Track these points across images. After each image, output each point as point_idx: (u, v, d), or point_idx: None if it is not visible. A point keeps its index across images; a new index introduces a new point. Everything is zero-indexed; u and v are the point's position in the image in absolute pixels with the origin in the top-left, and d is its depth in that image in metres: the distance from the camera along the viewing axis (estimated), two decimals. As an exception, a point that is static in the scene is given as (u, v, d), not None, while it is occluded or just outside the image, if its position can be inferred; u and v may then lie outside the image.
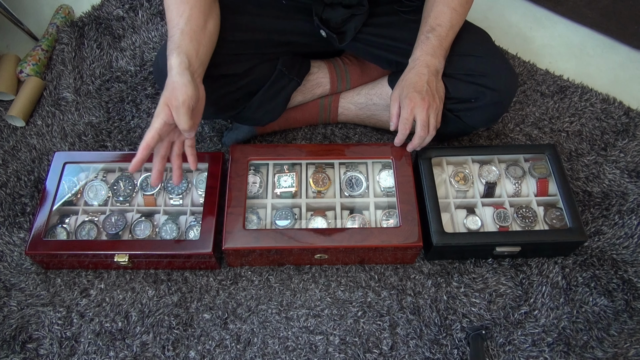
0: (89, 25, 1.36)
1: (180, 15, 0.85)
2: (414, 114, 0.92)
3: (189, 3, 0.86)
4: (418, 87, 0.91)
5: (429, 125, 0.93)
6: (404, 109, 0.92)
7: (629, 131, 1.20)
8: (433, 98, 0.92)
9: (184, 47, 0.84)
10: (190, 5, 0.86)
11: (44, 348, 0.90)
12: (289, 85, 1.06)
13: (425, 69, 0.92)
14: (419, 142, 0.96)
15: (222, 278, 0.98)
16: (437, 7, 0.94)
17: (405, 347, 0.92)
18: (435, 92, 0.93)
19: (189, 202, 1.01)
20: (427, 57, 0.93)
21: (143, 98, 1.23)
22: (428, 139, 0.95)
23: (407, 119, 0.92)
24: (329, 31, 0.99)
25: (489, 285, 0.98)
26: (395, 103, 0.95)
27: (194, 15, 0.86)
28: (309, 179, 1.02)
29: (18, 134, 1.17)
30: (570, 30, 1.44)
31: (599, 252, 1.02)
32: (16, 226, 1.04)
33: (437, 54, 0.93)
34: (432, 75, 0.92)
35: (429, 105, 0.91)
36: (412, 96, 0.91)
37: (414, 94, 0.91)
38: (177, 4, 0.86)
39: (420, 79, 0.91)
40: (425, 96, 0.91)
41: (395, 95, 0.95)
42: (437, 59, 0.93)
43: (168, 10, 0.87)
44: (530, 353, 0.91)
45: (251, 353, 0.91)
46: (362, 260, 0.99)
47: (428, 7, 0.97)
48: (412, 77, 0.92)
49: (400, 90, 0.94)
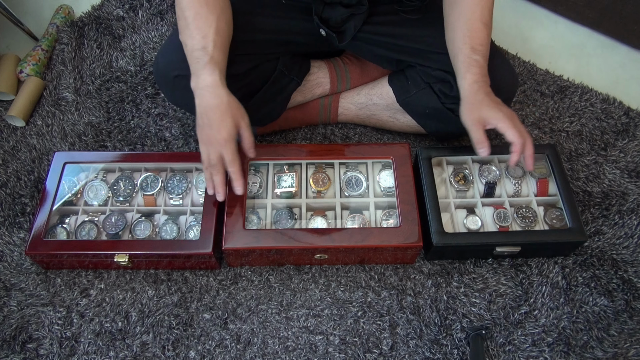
0: (89, 25, 1.36)
1: (209, 26, 0.85)
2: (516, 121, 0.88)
3: (215, 13, 0.86)
4: (497, 101, 0.89)
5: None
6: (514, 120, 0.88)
7: (629, 131, 1.20)
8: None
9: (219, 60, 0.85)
10: (217, 16, 0.86)
11: (44, 348, 0.90)
12: (289, 85, 1.06)
13: (489, 88, 0.90)
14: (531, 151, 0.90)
15: (222, 278, 0.98)
16: (473, 25, 0.90)
17: (405, 347, 0.92)
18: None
19: (189, 202, 1.01)
20: (483, 78, 0.91)
21: (143, 98, 1.23)
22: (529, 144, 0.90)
23: (522, 130, 0.88)
24: (328, 30, 0.99)
25: (489, 285, 0.98)
26: (479, 128, 0.89)
27: (222, 27, 0.87)
28: (309, 179, 1.02)
29: (18, 134, 1.17)
30: (570, 30, 1.44)
31: (599, 252, 1.02)
32: (16, 226, 1.04)
33: (486, 75, 0.91)
34: (493, 95, 0.90)
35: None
36: (501, 108, 0.88)
37: (501, 106, 0.88)
38: (205, 15, 0.85)
39: (492, 98, 0.89)
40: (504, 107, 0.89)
41: (474, 118, 0.89)
42: (486, 77, 0.91)
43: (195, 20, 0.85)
44: (530, 353, 0.91)
45: (251, 353, 0.91)
46: (362, 260, 0.99)
47: (462, 20, 0.91)
48: (484, 97, 0.89)
49: (477, 112, 0.89)
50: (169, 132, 1.17)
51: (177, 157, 1.04)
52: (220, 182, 0.90)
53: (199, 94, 0.86)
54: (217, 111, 0.85)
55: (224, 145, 0.86)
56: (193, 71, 0.86)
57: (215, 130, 0.85)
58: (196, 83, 0.86)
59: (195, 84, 0.86)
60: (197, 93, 0.86)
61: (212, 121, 0.85)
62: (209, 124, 0.85)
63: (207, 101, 0.85)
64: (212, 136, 0.86)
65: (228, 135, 0.85)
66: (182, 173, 1.03)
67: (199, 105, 0.86)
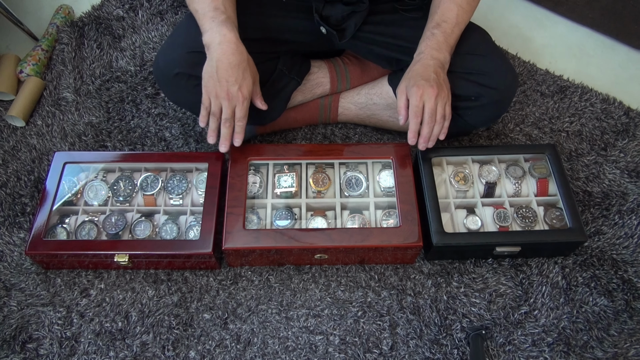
0: (89, 25, 1.36)
1: None
2: (422, 101, 0.89)
3: None
4: (425, 76, 0.89)
5: (436, 114, 0.90)
6: (413, 97, 0.89)
7: (629, 131, 1.20)
8: (441, 87, 0.90)
9: (234, 20, 0.87)
10: None
11: (44, 348, 0.90)
12: (289, 85, 1.06)
13: (432, 61, 0.91)
14: (428, 132, 0.92)
15: (222, 278, 0.98)
16: (444, 4, 0.94)
17: (405, 347, 0.92)
18: (443, 82, 0.91)
19: (189, 202, 1.01)
20: (432, 51, 0.92)
21: (143, 98, 1.23)
22: (437, 128, 0.92)
23: (417, 106, 0.89)
24: (329, 28, 0.99)
25: (489, 285, 0.98)
26: (402, 96, 0.92)
27: None
28: (309, 179, 1.02)
29: (18, 134, 1.17)
30: (570, 30, 1.44)
31: (599, 252, 1.02)
32: (16, 226, 1.04)
33: (442, 49, 0.92)
34: (438, 67, 0.91)
35: (438, 93, 0.89)
36: (420, 84, 0.89)
37: (421, 82, 0.89)
38: None
39: (426, 69, 0.90)
40: (434, 84, 0.89)
41: (402, 87, 0.93)
42: (442, 53, 0.92)
43: None
44: (530, 353, 0.91)
45: (251, 353, 0.91)
46: (362, 260, 0.99)
47: (435, 4, 0.96)
48: (418, 68, 0.91)
49: (406, 81, 0.92)
50: (169, 132, 1.17)
51: (177, 157, 1.04)
52: (228, 134, 0.92)
53: (218, 48, 0.86)
54: (239, 68, 0.87)
55: (241, 102, 0.89)
56: (208, 28, 0.87)
57: (237, 86, 0.87)
58: (212, 38, 0.86)
59: (211, 39, 0.87)
60: (214, 48, 0.87)
61: (233, 77, 0.87)
62: (227, 80, 0.87)
63: (229, 57, 0.86)
64: (231, 92, 0.88)
65: (248, 93, 0.89)
66: (182, 173, 1.03)
67: (218, 60, 0.86)
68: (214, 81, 0.88)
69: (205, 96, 0.91)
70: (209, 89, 0.89)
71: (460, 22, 0.94)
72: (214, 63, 0.87)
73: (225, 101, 0.89)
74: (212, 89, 0.89)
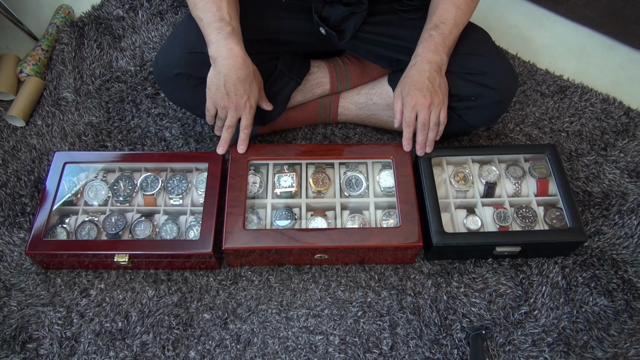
0: (89, 25, 1.36)
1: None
2: (415, 111, 0.92)
3: None
4: (419, 85, 0.91)
5: (429, 124, 0.93)
6: (405, 107, 0.93)
7: (629, 131, 1.20)
8: (435, 94, 0.92)
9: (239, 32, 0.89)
10: None
11: (44, 348, 0.90)
12: (289, 85, 1.06)
13: (427, 65, 0.92)
14: (423, 139, 0.96)
15: (222, 278, 0.98)
16: (442, 5, 0.94)
17: (405, 347, 0.92)
18: (438, 88, 0.93)
19: (189, 202, 1.01)
20: (428, 54, 0.92)
21: (143, 98, 1.23)
22: (431, 135, 0.96)
23: (410, 117, 0.93)
24: (328, 29, 0.99)
25: (489, 285, 0.98)
26: (398, 100, 0.95)
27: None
28: (309, 179, 1.02)
29: (18, 134, 1.17)
30: (570, 30, 1.44)
31: (599, 252, 1.02)
32: (16, 226, 1.04)
33: (439, 51, 0.93)
34: (433, 72, 0.92)
35: (431, 103, 0.91)
36: (413, 94, 0.91)
37: (415, 92, 0.91)
38: None
39: (421, 76, 0.91)
40: (427, 93, 0.91)
41: (398, 92, 0.96)
42: (439, 55, 0.93)
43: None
44: (530, 353, 0.91)
45: (251, 353, 0.91)
46: (362, 260, 0.99)
47: (433, 4, 0.97)
48: (414, 74, 0.92)
49: (402, 87, 0.94)
50: (169, 132, 1.17)
51: (177, 157, 1.04)
52: (228, 139, 0.97)
53: (226, 63, 0.88)
54: (246, 81, 0.90)
55: (248, 112, 0.93)
56: (214, 40, 0.88)
57: (245, 98, 0.91)
58: (219, 52, 0.87)
59: (217, 53, 0.88)
60: (221, 62, 0.88)
61: (241, 90, 0.90)
62: (236, 93, 0.90)
63: (237, 72, 0.88)
64: (239, 104, 0.92)
65: (255, 103, 0.94)
66: (182, 173, 1.03)
67: (226, 75, 0.88)
68: (222, 94, 0.90)
69: (211, 104, 0.93)
70: (216, 100, 0.92)
71: (459, 23, 0.94)
72: (221, 77, 0.89)
73: (232, 111, 0.92)
74: (220, 100, 0.92)
